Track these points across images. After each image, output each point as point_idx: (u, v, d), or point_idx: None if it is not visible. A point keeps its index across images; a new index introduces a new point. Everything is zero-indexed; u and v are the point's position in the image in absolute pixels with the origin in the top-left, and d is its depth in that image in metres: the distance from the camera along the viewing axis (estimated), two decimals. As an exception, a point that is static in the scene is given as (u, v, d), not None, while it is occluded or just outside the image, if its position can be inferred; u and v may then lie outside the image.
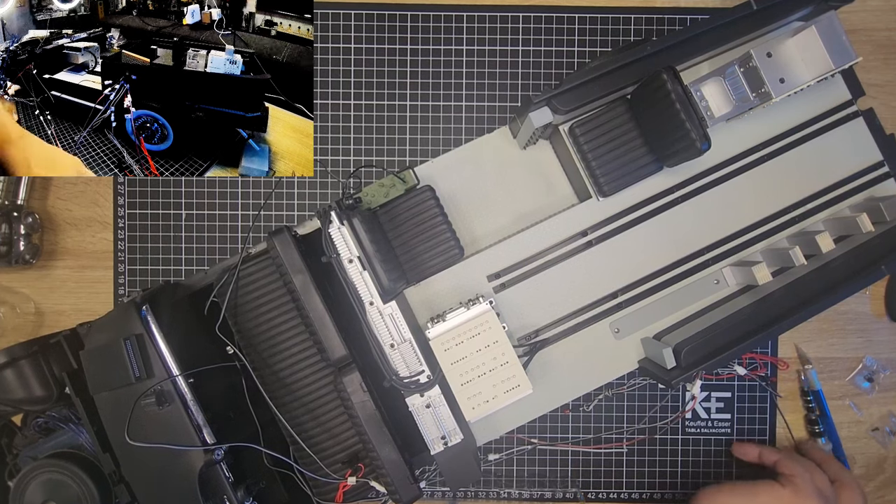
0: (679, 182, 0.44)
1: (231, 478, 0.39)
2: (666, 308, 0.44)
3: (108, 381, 0.37)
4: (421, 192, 0.43)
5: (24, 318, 0.53)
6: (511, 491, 0.53)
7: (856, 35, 0.54)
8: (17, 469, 0.41)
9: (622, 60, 0.40)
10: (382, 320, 0.39)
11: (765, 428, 0.53)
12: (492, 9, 0.53)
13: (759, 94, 0.40)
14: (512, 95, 0.53)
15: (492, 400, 0.39)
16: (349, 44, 0.53)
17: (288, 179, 0.53)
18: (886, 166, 0.44)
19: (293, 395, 0.41)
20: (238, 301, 0.41)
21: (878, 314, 0.54)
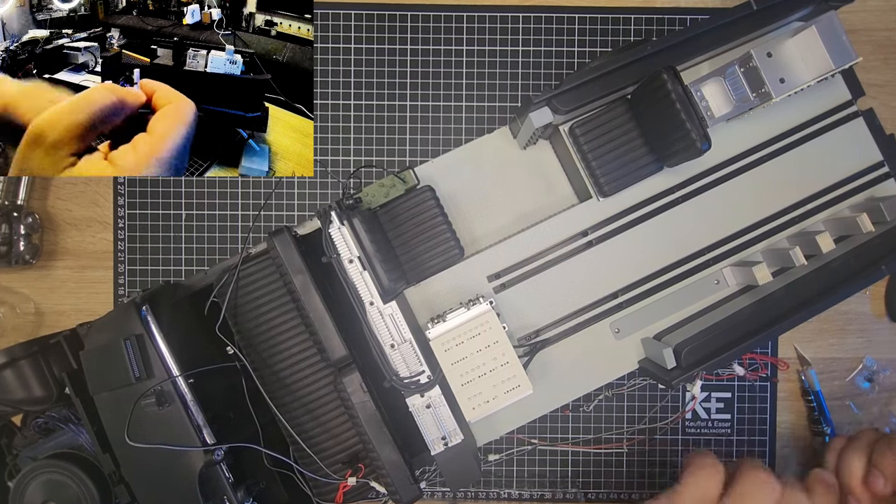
0: (679, 182, 0.44)
1: (231, 478, 0.39)
2: (666, 308, 0.44)
3: (108, 381, 0.37)
4: (421, 193, 0.43)
5: (23, 319, 0.53)
6: (511, 491, 0.53)
7: (856, 35, 0.54)
8: (16, 469, 0.41)
9: (622, 60, 0.40)
10: (382, 320, 0.39)
11: (765, 428, 0.53)
12: (492, 9, 0.53)
13: (760, 95, 0.40)
14: (512, 95, 0.53)
15: (492, 400, 0.39)
16: (349, 44, 0.53)
17: (288, 179, 0.53)
18: (886, 166, 0.44)
19: (293, 395, 0.41)
20: (238, 301, 0.41)
21: (878, 314, 0.54)
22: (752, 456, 0.53)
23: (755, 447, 0.53)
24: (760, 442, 0.53)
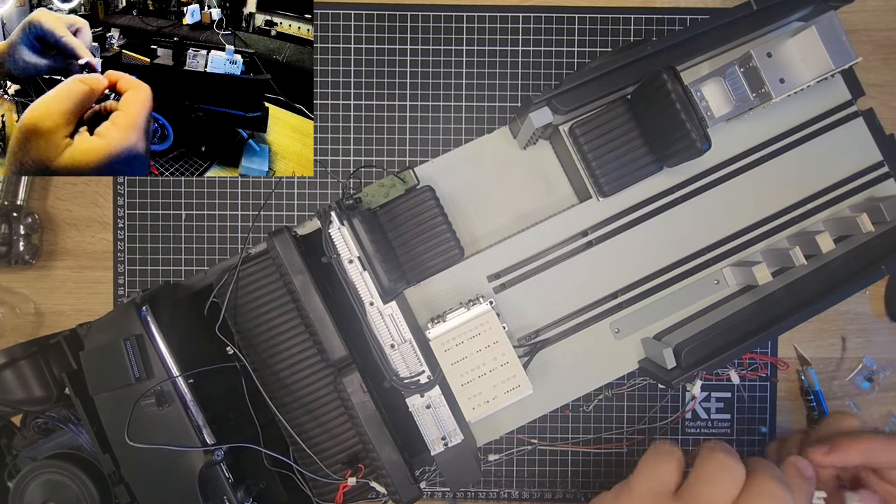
0: (679, 182, 0.44)
1: (231, 478, 0.39)
2: (666, 308, 0.44)
3: (108, 381, 0.37)
4: (421, 193, 0.43)
5: (23, 319, 0.53)
6: (511, 491, 0.53)
7: (856, 35, 0.54)
8: (16, 470, 0.41)
9: (622, 60, 0.40)
10: (382, 321, 0.39)
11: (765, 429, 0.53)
12: (492, 9, 0.53)
13: (760, 95, 0.40)
14: (512, 95, 0.53)
15: (492, 400, 0.39)
16: (349, 44, 0.53)
17: (288, 179, 0.53)
18: (886, 166, 0.44)
19: (293, 395, 0.41)
20: (238, 301, 0.41)
21: (878, 314, 0.54)
22: (752, 457, 0.53)
23: (755, 447, 0.53)
24: (760, 442, 0.53)
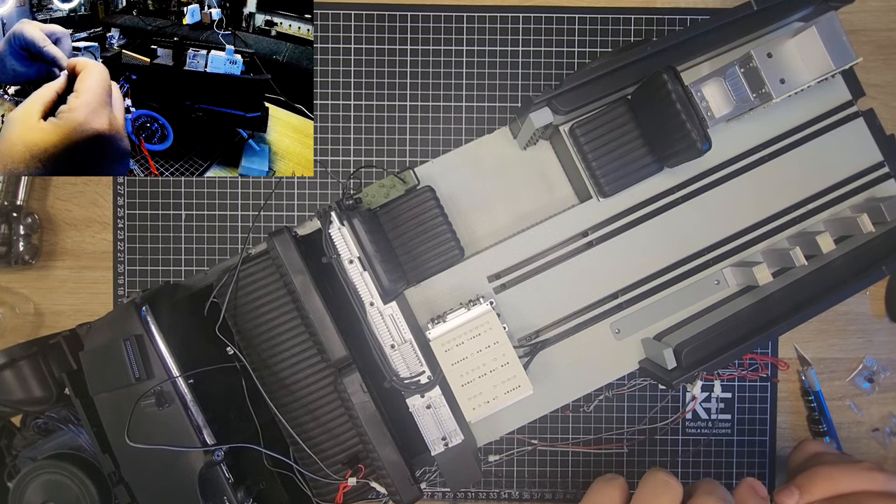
0: (679, 182, 0.44)
1: (231, 478, 0.39)
2: (666, 309, 0.44)
3: (108, 382, 0.37)
4: (421, 193, 0.43)
5: (23, 319, 0.53)
6: (511, 492, 0.53)
7: (856, 35, 0.54)
8: (16, 470, 0.41)
9: (622, 61, 0.40)
10: (383, 321, 0.39)
11: (765, 428, 0.53)
12: (492, 9, 0.53)
13: (760, 95, 0.40)
14: (512, 95, 0.53)
15: (492, 401, 0.39)
16: (349, 44, 0.53)
17: (288, 179, 0.53)
18: (887, 167, 0.44)
19: (293, 395, 0.41)
20: (238, 302, 0.41)
21: (878, 314, 0.54)
22: (751, 457, 0.53)
23: (755, 447, 0.53)
24: (760, 442, 0.53)
